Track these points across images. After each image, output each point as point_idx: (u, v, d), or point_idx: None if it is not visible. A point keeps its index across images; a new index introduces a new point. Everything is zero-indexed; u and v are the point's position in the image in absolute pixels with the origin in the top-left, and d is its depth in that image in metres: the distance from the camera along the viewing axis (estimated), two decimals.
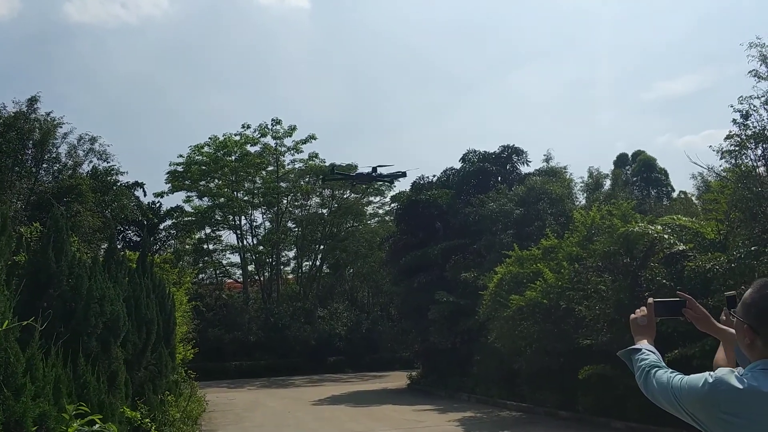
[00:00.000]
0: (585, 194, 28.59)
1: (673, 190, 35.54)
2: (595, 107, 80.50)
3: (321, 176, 39.95)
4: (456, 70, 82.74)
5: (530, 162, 27.12)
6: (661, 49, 78.22)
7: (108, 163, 26.43)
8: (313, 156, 42.59)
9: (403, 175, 38.44)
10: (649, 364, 2.44)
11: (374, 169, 34.51)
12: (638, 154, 38.23)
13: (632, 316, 2.73)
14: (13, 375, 3.83)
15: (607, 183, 31.19)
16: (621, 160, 38.41)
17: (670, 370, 2.38)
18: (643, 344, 2.59)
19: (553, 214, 22.21)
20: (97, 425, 5.02)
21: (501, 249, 20.41)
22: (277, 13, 79.96)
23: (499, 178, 26.50)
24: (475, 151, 27.16)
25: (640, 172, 36.85)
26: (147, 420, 8.32)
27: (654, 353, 2.51)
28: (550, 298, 15.66)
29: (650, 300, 2.74)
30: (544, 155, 27.26)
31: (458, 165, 27.71)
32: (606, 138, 76.48)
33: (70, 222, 19.13)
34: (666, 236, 13.82)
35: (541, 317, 16.08)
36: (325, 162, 42.37)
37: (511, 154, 26.97)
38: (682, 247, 13.65)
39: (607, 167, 34.42)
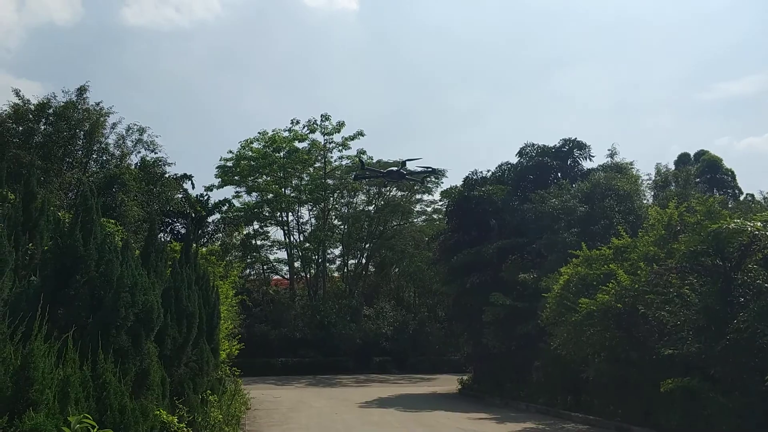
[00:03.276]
0: (653, 192, 26.78)
1: (741, 192, 33.13)
2: (647, 110, 77.46)
3: (352, 174, 39.23)
4: (503, 69, 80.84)
5: (593, 157, 25.42)
6: (719, 50, 74.55)
7: (156, 153, 26.20)
8: (361, 152, 41.83)
9: (433, 172, 37.30)
10: None
11: (403, 163, 33.71)
12: (701, 154, 36.07)
13: None
14: None
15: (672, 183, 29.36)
16: (682, 160, 36.31)
17: None
18: None
19: (621, 212, 20.63)
20: None
21: (564, 249, 18.98)
22: (326, 15, 79.94)
23: (560, 174, 24.95)
24: (533, 145, 25.66)
25: (704, 173, 34.62)
26: (182, 425, 7.42)
27: None
28: (625, 302, 14.18)
29: None
30: (609, 150, 25.62)
31: (515, 160, 26.26)
32: (660, 141, 73.47)
33: (115, 212, 18.79)
34: None
35: (613, 323, 14.60)
36: (372, 159, 41.59)
37: (572, 148, 25.33)
38: None
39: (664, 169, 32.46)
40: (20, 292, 5.55)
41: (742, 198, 31.41)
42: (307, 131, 41.29)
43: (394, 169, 35.25)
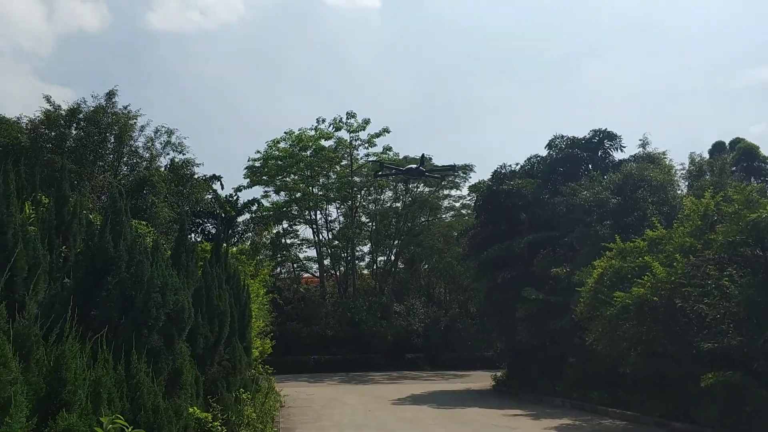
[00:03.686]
0: (687, 182, 26.08)
1: None
2: (678, 99, 75.67)
3: (366, 171, 39.16)
4: (530, 62, 79.87)
5: (625, 147, 24.86)
6: (754, 35, 72.33)
7: (184, 155, 26.54)
8: (387, 149, 41.78)
9: (453, 169, 37.00)
10: None
11: (422, 160, 33.70)
12: (737, 141, 34.90)
13: None
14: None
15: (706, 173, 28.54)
16: (717, 149, 35.27)
17: None
18: None
19: (655, 203, 20.13)
20: None
21: (597, 242, 18.59)
22: (348, 13, 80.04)
23: (590, 166, 24.46)
24: (562, 137, 25.21)
25: (739, 161, 33.52)
26: (217, 423, 7.46)
27: None
28: (661, 295, 13.80)
29: None
30: (640, 140, 24.99)
31: (544, 153, 25.86)
32: (693, 130, 71.73)
33: (146, 214, 19.08)
34: None
35: (650, 317, 14.24)
36: (398, 155, 41.52)
37: (602, 139, 24.82)
38: None
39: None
40: (54, 294, 5.63)
41: None
42: (333, 129, 41.42)
43: (414, 166, 35.25)
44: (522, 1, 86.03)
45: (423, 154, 36.60)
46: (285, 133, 41.37)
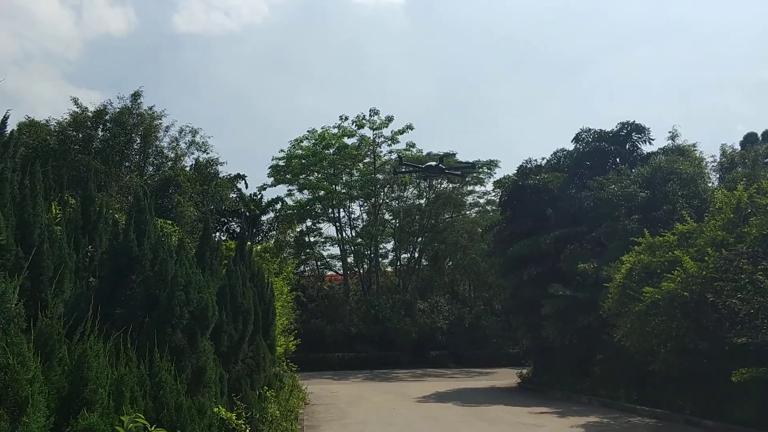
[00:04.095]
0: (718, 174, 25.44)
1: None
2: (708, 90, 73.99)
3: (390, 168, 38.95)
4: (555, 55, 78.86)
5: (653, 140, 24.36)
6: None
7: (208, 154, 26.75)
8: (410, 146, 41.61)
9: (472, 166, 36.64)
10: None
11: (441, 158, 33.47)
12: None
13: None
14: (14, 382, 2.91)
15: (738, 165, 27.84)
16: (749, 140, 34.35)
17: None
18: None
19: (685, 196, 19.68)
20: None
21: (625, 236, 18.28)
22: (373, 10, 79.96)
23: (618, 159, 24.02)
24: (589, 130, 24.78)
25: None
26: (241, 422, 7.45)
27: None
28: (692, 290, 13.48)
29: None
30: (669, 132, 24.46)
31: (570, 147, 25.46)
32: (723, 121, 70.11)
33: (172, 213, 19.28)
34: None
35: (680, 312, 13.91)
36: (422, 152, 41.32)
37: (630, 131, 24.33)
38: None
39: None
40: (79, 293, 5.67)
41: None
42: (356, 127, 41.35)
43: (433, 164, 35.02)
44: None
45: (445, 153, 36.39)
46: (308, 131, 41.50)
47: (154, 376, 4.92)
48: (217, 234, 29.82)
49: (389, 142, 41.68)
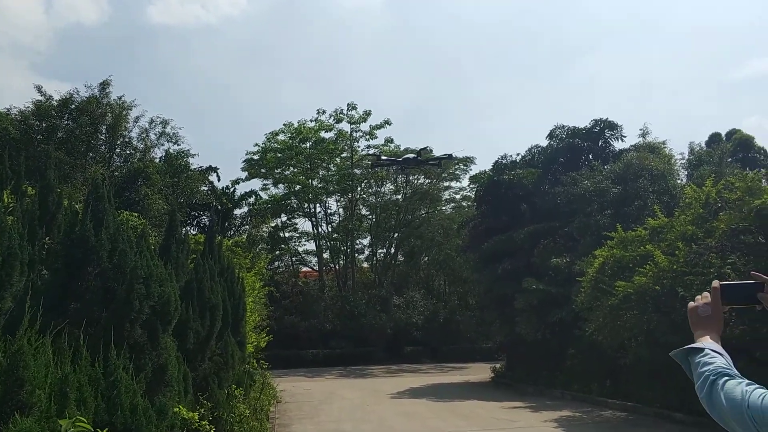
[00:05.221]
0: (687, 171, 25.83)
1: None
2: (676, 90, 75.29)
3: (369, 162, 38.88)
4: (529, 55, 79.40)
5: (625, 137, 24.60)
6: (746, 27, 71.93)
7: (179, 145, 26.15)
8: (389, 141, 41.43)
9: (449, 157, 36.82)
10: (714, 371, 1.84)
11: (419, 153, 33.77)
12: (733, 132, 34.68)
13: (691, 304, 2.15)
14: None
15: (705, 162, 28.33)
16: (713, 140, 35.06)
17: (746, 380, 1.77)
18: (707, 342, 2.00)
19: (656, 192, 19.90)
20: None
21: (598, 231, 18.37)
22: (351, 5, 79.43)
23: (591, 155, 24.18)
24: (563, 127, 24.90)
25: (735, 152, 33.34)
26: (205, 422, 7.19)
27: (722, 355, 1.92)
28: (663, 284, 13.57)
29: (716, 284, 2.15)
30: (641, 129, 24.80)
31: (545, 143, 25.56)
32: (690, 121, 71.40)
33: (139, 206, 18.80)
34: None
35: (651, 306, 14.01)
36: (399, 147, 41.19)
37: (603, 128, 24.51)
38: None
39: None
40: (28, 287, 5.37)
41: None
42: (333, 121, 40.98)
43: (411, 156, 35.18)
44: None
45: (422, 148, 36.39)
46: (284, 125, 40.92)
47: (109, 375, 4.67)
48: (187, 228, 29.27)
49: (367, 137, 41.45)
